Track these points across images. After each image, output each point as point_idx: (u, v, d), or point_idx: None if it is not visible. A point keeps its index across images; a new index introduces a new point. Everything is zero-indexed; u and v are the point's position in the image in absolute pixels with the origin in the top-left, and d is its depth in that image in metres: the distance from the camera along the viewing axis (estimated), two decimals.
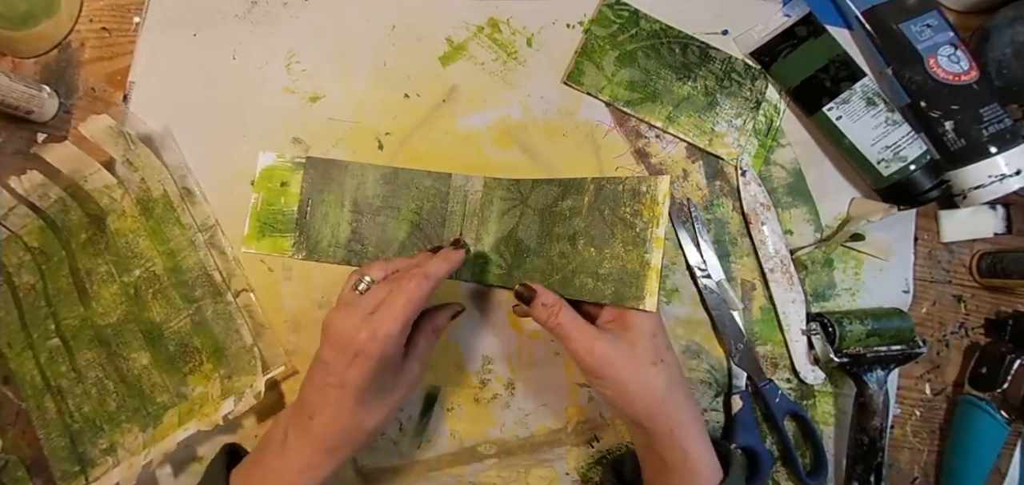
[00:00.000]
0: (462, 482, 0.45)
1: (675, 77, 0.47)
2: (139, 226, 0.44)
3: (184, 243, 0.44)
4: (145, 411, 0.43)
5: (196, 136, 0.46)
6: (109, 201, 0.44)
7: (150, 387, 0.43)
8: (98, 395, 0.44)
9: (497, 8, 0.47)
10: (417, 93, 0.47)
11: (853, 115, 0.44)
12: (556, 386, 0.45)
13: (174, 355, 0.44)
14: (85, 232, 0.44)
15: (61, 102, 0.46)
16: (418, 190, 0.45)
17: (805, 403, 0.46)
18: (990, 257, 0.47)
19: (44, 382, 0.44)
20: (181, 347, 0.44)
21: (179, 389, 0.43)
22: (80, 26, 0.47)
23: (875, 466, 0.43)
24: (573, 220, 0.38)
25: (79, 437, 0.43)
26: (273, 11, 0.47)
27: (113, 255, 0.44)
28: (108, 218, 0.44)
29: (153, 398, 0.43)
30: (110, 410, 0.44)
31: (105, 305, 0.44)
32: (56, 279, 0.44)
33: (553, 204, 0.40)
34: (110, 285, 0.44)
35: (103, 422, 0.43)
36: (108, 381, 0.44)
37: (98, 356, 0.44)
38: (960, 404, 0.46)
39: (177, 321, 0.44)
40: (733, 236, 0.47)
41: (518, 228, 0.42)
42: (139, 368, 0.44)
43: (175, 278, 0.44)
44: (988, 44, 0.45)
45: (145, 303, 0.44)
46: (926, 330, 0.47)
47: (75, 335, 0.44)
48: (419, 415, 0.45)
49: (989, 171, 0.42)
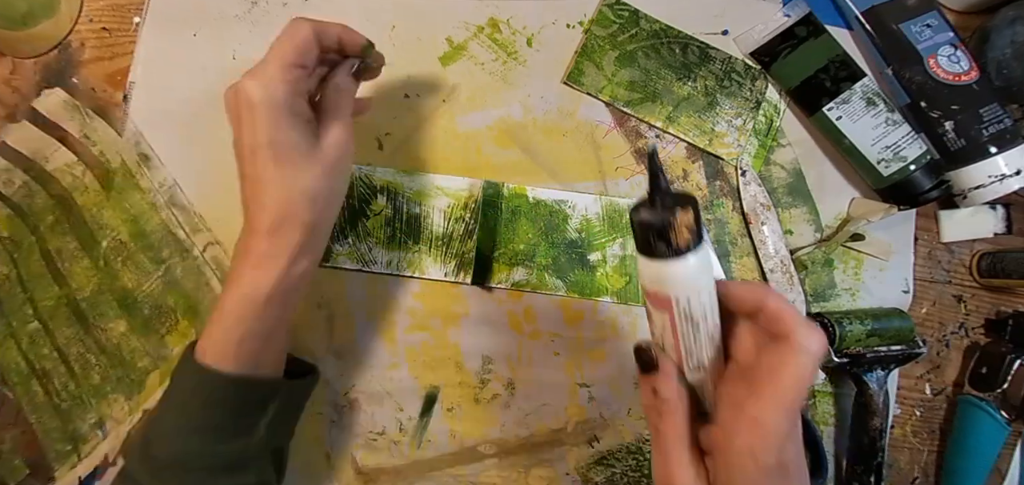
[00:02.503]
0: (462, 482, 0.45)
1: (675, 77, 0.47)
2: (102, 199, 0.45)
3: (145, 207, 0.45)
4: (128, 378, 0.44)
5: (196, 136, 0.46)
6: (72, 180, 0.45)
7: (130, 353, 0.44)
8: (82, 370, 0.44)
9: (497, 8, 0.47)
10: (417, 93, 0.47)
11: (853, 115, 0.44)
12: (556, 386, 0.45)
13: (150, 318, 0.45)
14: (52, 214, 0.45)
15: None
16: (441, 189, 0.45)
17: (805, 403, 0.46)
18: (990, 257, 0.47)
19: (29, 367, 0.44)
20: (156, 309, 0.45)
21: (159, 351, 0.44)
22: (80, 26, 0.47)
23: (875, 466, 0.43)
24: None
25: (69, 415, 0.44)
26: (273, 11, 0.47)
27: (80, 231, 0.45)
28: (73, 195, 0.45)
29: (134, 364, 0.44)
30: (95, 383, 0.44)
31: (78, 281, 0.45)
32: (28, 264, 0.45)
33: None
34: (80, 261, 0.45)
35: (90, 396, 0.44)
36: (90, 355, 0.44)
37: (77, 332, 0.45)
38: (960, 404, 0.46)
39: (148, 284, 0.45)
40: (733, 236, 0.47)
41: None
42: (117, 336, 0.44)
43: (141, 242, 0.45)
44: (988, 44, 0.45)
45: (115, 272, 0.45)
46: (926, 330, 0.47)
47: (53, 315, 0.45)
48: (419, 415, 0.45)
49: (989, 171, 0.42)
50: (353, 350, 0.45)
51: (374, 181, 0.45)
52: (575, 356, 0.45)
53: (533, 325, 0.45)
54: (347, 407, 0.45)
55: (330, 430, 0.45)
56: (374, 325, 0.45)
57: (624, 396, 0.45)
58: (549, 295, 0.45)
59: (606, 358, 0.45)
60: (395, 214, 0.45)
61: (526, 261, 0.45)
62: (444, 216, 0.45)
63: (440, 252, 0.45)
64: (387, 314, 0.45)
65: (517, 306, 0.45)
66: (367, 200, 0.45)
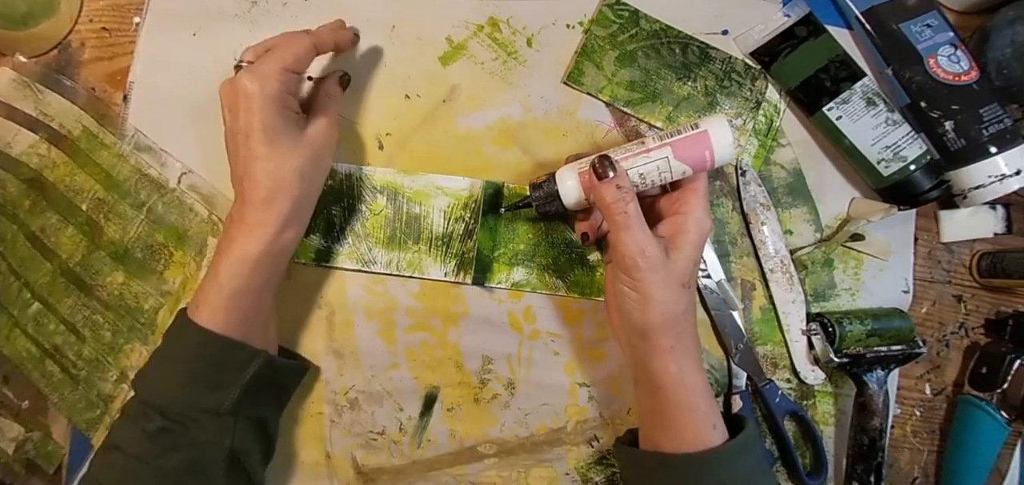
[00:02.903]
0: (462, 482, 0.45)
1: (675, 77, 0.47)
2: (72, 168, 0.45)
3: (114, 159, 0.45)
4: (139, 324, 0.45)
5: (196, 136, 0.46)
6: (38, 160, 0.45)
7: (134, 299, 0.45)
8: (92, 333, 0.45)
9: (497, 8, 0.47)
10: (417, 93, 0.47)
11: (853, 115, 0.44)
12: (556, 386, 0.45)
13: (144, 260, 0.45)
14: (27, 198, 0.45)
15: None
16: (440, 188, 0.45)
17: (805, 403, 0.46)
18: (990, 257, 0.47)
19: (40, 349, 0.45)
20: (148, 249, 0.45)
21: (161, 288, 0.45)
22: (80, 26, 0.47)
23: (875, 466, 0.43)
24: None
25: (90, 381, 0.44)
26: (273, 11, 0.47)
27: (58, 204, 0.45)
28: (43, 174, 0.45)
29: (141, 308, 0.45)
30: (107, 341, 0.45)
31: (67, 250, 0.45)
32: (16, 252, 0.45)
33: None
34: (65, 230, 0.45)
35: (106, 355, 0.45)
36: (96, 316, 0.45)
37: (78, 298, 0.45)
38: (960, 404, 0.46)
39: (134, 229, 0.45)
40: (733, 236, 0.47)
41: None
42: (118, 288, 0.45)
43: (118, 192, 0.45)
44: (988, 44, 0.45)
45: (100, 228, 0.45)
46: (926, 330, 0.47)
47: (50, 290, 0.45)
48: (419, 415, 0.45)
49: (989, 171, 0.42)
50: (353, 350, 0.45)
51: (374, 181, 0.45)
52: (575, 356, 0.45)
53: (533, 325, 0.45)
54: (347, 407, 0.45)
55: (330, 430, 0.45)
56: (374, 325, 0.45)
57: (624, 396, 0.45)
58: (549, 295, 0.45)
59: (606, 358, 0.45)
60: (395, 214, 0.45)
61: (526, 261, 0.45)
62: (444, 216, 0.45)
63: (440, 252, 0.45)
64: (387, 314, 0.45)
65: (517, 306, 0.45)
66: (367, 200, 0.45)
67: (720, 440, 0.36)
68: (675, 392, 0.35)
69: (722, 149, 0.36)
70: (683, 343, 0.36)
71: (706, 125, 0.36)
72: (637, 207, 0.35)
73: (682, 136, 0.36)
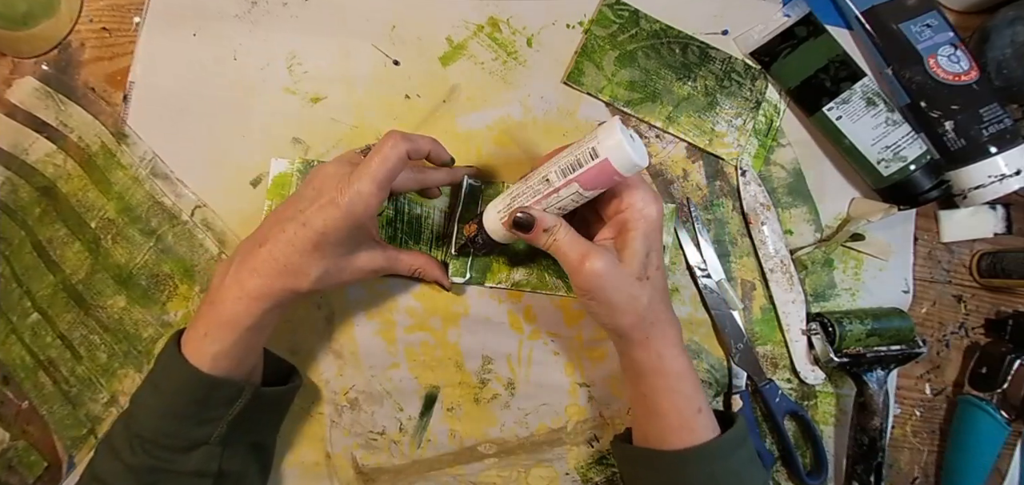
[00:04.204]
0: (462, 482, 0.45)
1: (675, 77, 0.47)
2: (86, 182, 0.45)
3: (128, 182, 0.45)
4: (135, 351, 0.45)
5: (196, 136, 0.46)
6: (54, 169, 0.45)
7: (133, 326, 0.45)
8: (87, 352, 0.45)
9: (497, 8, 0.47)
10: (417, 93, 0.47)
11: (853, 115, 0.44)
12: (556, 386, 0.45)
13: (148, 288, 0.45)
14: (38, 206, 0.45)
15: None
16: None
17: (805, 403, 0.46)
18: (990, 257, 0.47)
19: (34, 359, 0.45)
20: (153, 279, 0.45)
21: (161, 319, 0.45)
22: (80, 26, 0.47)
23: (875, 466, 0.43)
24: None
25: (79, 399, 0.44)
26: (273, 11, 0.47)
27: (68, 217, 0.45)
28: (57, 184, 0.45)
29: (139, 336, 0.45)
30: (102, 362, 0.45)
31: (72, 265, 0.45)
32: (21, 259, 0.45)
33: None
34: (71, 245, 0.45)
35: (99, 377, 0.44)
36: (93, 335, 0.45)
37: (77, 316, 0.45)
38: (960, 404, 0.46)
39: (142, 256, 0.45)
40: (733, 236, 0.47)
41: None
42: (118, 312, 0.45)
43: (129, 216, 0.45)
44: (988, 44, 0.45)
45: (107, 250, 0.45)
46: (926, 330, 0.47)
47: (51, 303, 0.45)
48: (419, 415, 0.45)
49: (989, 171, 0.42)
50: (353, 350, 0.45)
51: None
52: (575, 356, 0.45)
53: (533, 325, 0.45)
54: (347, 407, 0.45)
55: (330, 430, 0.45)
56: (374, 325, 0.45)
57: (624, 396, 0.45)
58: (549, 295, 0.45)
59: (606, 358, 0.45)
60: (396, 214, 0.45)
61: (526, 261, 0.45)
62: (445, 216, 0.45)
63: (440, 252, 0.45)
64: (387, 314, 0.45)
65: (517, 306, 0.45)
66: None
67: (708, 425, 0.36)
68: (656, 378, 0.36)
69: (627, 167, 0.33)
70: (657, 331, 0.36)
71: (603, 151, 0.33)
72: (568, 232, 0.35)
73: (584, 169, 0.34)
